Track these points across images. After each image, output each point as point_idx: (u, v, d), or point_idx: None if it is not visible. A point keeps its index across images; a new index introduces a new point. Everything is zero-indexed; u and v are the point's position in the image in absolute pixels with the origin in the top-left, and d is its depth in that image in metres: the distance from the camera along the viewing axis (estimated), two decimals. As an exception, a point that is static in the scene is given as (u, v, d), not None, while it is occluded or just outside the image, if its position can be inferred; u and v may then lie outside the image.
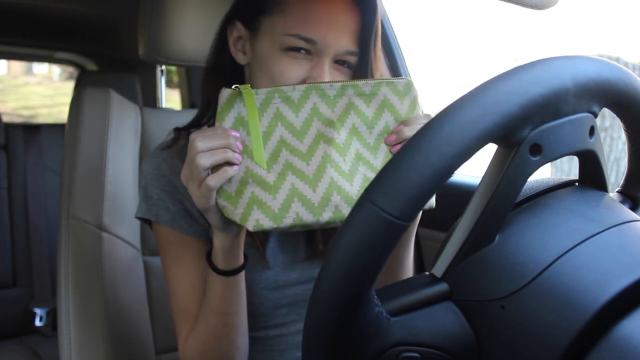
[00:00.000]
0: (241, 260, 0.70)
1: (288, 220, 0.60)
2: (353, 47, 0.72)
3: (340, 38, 0.70)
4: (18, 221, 2.00)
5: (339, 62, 0.72)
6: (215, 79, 0.78)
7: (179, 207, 0.76)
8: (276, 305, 0.80)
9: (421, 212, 0.69)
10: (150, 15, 0.98)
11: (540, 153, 0.40)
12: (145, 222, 0.80)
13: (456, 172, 0.37)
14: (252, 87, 0.66)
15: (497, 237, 0.41)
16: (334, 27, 0.70)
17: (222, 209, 0.62)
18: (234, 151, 0.61)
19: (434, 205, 0.62)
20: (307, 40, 0.69)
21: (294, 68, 0.70)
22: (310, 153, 0.62)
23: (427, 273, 0.43)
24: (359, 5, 0.72)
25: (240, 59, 0.76)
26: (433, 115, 0.38)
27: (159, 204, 0.76)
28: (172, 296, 0.77)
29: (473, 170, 1.06)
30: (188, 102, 2.01)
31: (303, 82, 0.70)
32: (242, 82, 0.78)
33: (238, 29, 0.75)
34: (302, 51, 0.70)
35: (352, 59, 0.73)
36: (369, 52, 0.73)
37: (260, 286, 0.79)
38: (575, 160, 0.46)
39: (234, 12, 0.77)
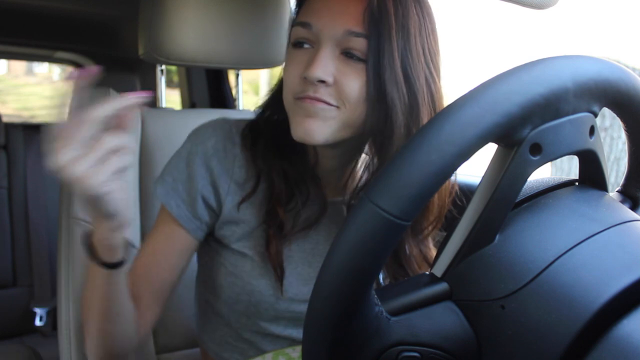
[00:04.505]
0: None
1: None
2: (356, 27, 0.63)
3: (337, 17, 0.64)
4: (18, 221, 2.00)
5: (347, 53, 0.65)
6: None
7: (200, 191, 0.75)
8: (278, 317, 0.77)
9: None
10: (150, 15, 0.98)
11: (540, 153, 0.40)
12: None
13: (456, 172, 0.37)
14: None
15: (497, 236, 0.41)
16: (330, 7, 0.65)
17: None
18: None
19: None
20: (303, 25, 0.66)
21: (295, 64, 0.68)
22: None
23: (427, 273, 0.43)
24: None
25: None
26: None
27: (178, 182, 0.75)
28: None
29: (473, 170, 1.06)
30: (188, 102, 2.01)
31: (300, 79, 0.66)
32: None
33: None
34: (306, 45, 0.67)
35: (360, 45, 0.64)
36: (381, 37, 0.63)
37: (270, 312, 0.76)
38: (575, 160, 0.46)
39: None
